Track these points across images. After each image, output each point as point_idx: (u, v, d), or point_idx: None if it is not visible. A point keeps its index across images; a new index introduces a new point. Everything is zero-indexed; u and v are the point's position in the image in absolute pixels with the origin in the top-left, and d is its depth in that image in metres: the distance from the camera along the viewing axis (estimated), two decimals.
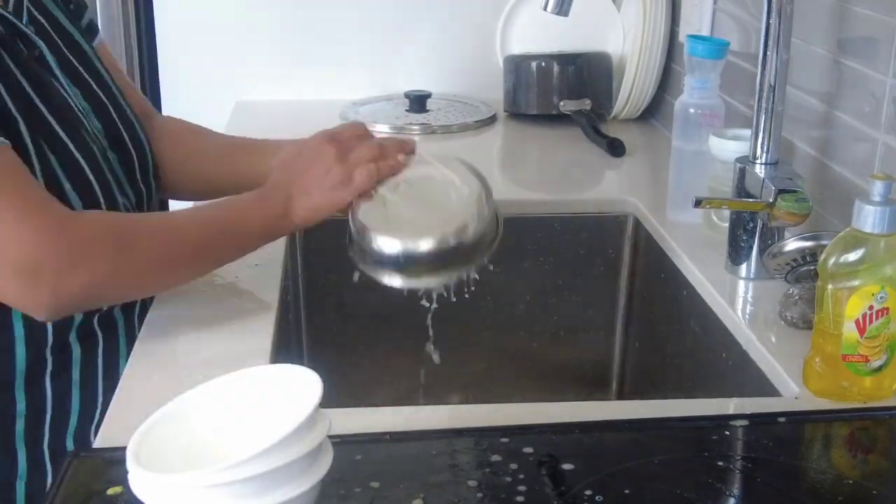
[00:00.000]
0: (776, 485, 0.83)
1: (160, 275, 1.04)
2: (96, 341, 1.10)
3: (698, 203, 1.18)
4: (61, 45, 1.12)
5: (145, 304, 1.13)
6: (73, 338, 1.08)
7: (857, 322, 0.92)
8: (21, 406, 1.06)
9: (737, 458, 0.87)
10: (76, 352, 1.09)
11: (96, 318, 1.09)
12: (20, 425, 1.07)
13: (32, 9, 1.10)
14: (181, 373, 1.02)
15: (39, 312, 0.97)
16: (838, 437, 0.93)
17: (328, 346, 1.49)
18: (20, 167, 0.96)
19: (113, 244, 0.98)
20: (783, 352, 1.04)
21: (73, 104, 1.08)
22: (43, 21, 1.11)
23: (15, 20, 1.04)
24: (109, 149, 1.11)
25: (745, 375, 1.09)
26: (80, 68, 1.13)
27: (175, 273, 1.06)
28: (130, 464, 0.68)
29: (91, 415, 1.10)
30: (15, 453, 1.07)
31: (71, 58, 1.12)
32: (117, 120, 1.15)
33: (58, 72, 1.09)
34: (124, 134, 1.14)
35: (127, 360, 1.03)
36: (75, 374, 1.09)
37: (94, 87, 1.14)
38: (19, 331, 1.04)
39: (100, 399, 1.10)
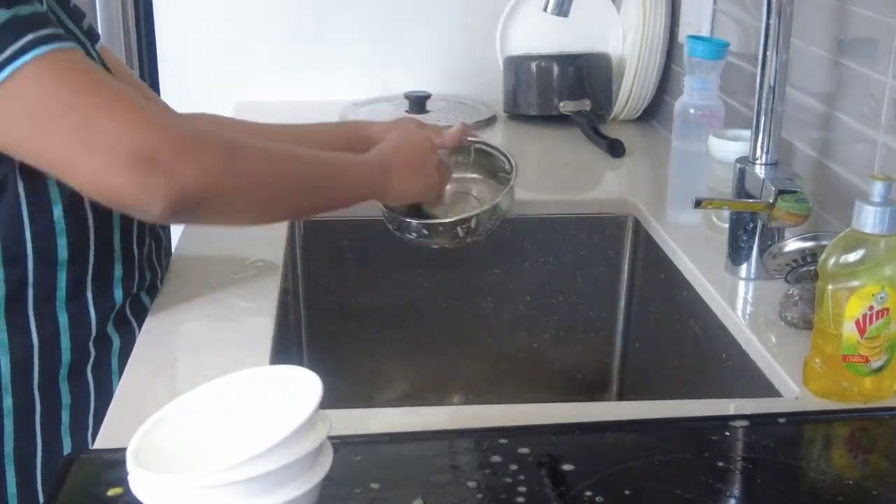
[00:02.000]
0: (776, 485, 0.83)
1: (266, 190, 1.02)
2: (132, 329, 1.11)
3: (698, 203, 1.18)
4: None
5: None
6: (111, 328, 1.09)
7: (857, 322, 0.92)
8: (66, 398, 1.07)
9: (737, 458, 0.87)
10: (115, 342, 1.09)
11: (128, 304, 1.10)
12: (66, 416, 1.07)
13: None
14: (181, 373, 1.02)
15: (155, 204, 0.92)
16: (838, 437, 0.93)
17: (328, 346, 1.49)
18: (109, 78, 0.96)
19: (224, 145, 0.97)
20: (783, 352, 1.04)
21: None
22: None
23: None
24: None
25: (745, 376, 1.09)
26: None
27: (279, 197, 1.04)
28: (130, 464, 0.68)
29: None
30: (61, 444, 1.08)
31: None
32: None
33: None
34: None
35: None
36: (114, 364, 1.09)
37: None
38: (64, 322, 1.05)
39: None
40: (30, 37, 0.90)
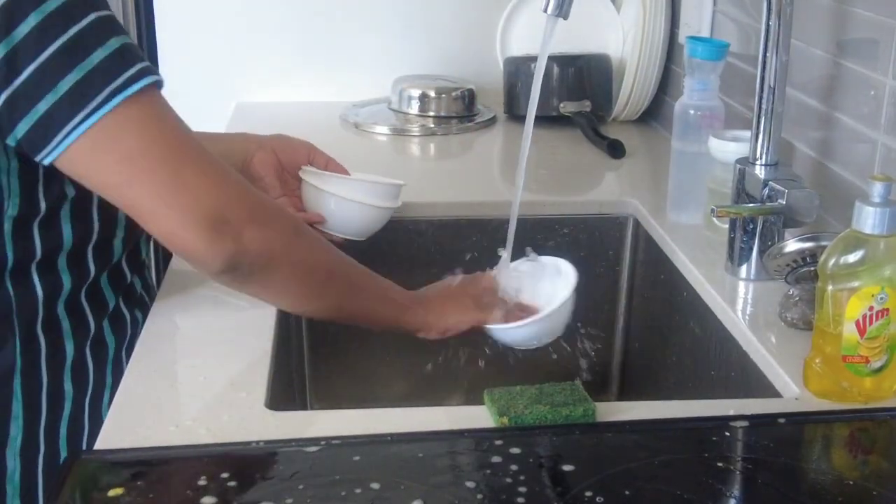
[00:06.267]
0: (776, 486, 0.83)
1: (316, 279, 1.04)
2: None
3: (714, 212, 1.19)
4: None
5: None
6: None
7: (857, 323, 0.92)
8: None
9: (737, 459, 0.87)
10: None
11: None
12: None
13: None
14: (181, 373, 1.02)
15: (216, 262, 0.95)
16: (838, 437, 0.93)
17: (328, 347, 1.49)
18: (192, 132, 0.98)
19: (290, 222, 1.02)
20: (783, 353, 1.04)
21: None
22: None
23: None
24: None
25: (745, 376, 1.09)
26: None
27: (324, 289, 1.06)
28: None
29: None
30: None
31: None
32: None
33: None
34: None
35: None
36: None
37: None
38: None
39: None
40: (140, 65, 0.93)
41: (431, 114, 1.94)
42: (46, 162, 0.91)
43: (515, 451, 0.84)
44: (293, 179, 1.30)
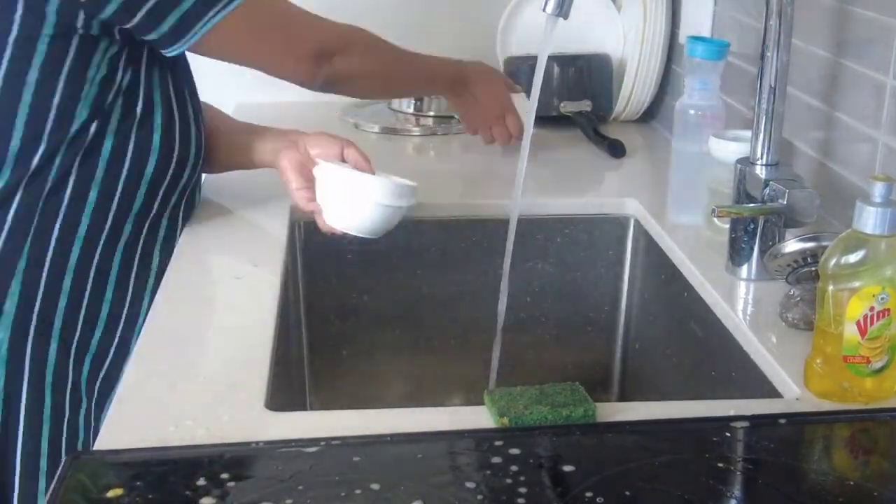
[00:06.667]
0: (777, 486, 0.83)
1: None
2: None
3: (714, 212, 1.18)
4: None
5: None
6: None
7: (858, 323, 0.92)
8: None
9: (738, 459, 0.87)
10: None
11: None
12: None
13: None
14: (181, 373, 1.02)
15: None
16: (839, 438, 0.93)
17: (328, 347, 1.49)
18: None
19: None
20: (784, 353, 1.04)
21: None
22: None
23: None
24: None
25: (745, 377, 1.09)
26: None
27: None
28: None
29: None
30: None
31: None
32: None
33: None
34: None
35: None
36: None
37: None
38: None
39: None
40: None
41: (431, 113, 1.94)
42: (182, 49, 1.29)
43: (515, 451, 0.84)
44: None
